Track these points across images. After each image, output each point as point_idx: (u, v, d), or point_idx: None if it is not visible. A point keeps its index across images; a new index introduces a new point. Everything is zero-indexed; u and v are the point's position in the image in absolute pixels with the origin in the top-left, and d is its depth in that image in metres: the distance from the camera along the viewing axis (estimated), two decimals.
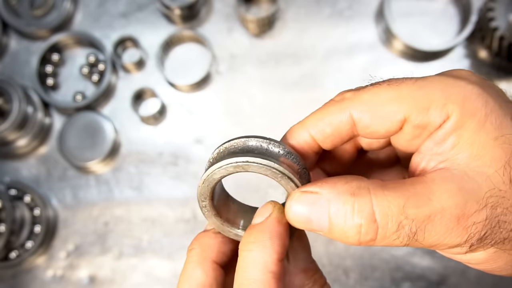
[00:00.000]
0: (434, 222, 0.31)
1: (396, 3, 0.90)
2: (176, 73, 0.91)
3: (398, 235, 0.31)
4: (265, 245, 0.34)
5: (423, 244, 0.32)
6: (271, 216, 0.35)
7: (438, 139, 0.33)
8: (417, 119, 0.33)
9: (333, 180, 0.33)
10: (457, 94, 0.33)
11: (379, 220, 0.31)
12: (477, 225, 0.31)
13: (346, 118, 0.35)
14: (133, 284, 0.86)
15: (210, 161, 0.37)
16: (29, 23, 0.93)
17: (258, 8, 0.93)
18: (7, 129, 0.85)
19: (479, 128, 0.32)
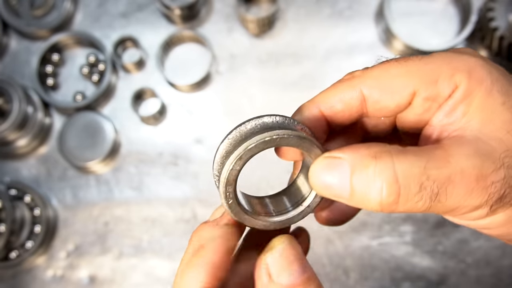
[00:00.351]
0: (454, 184, 0.31)
1: (396, 3, 0.90)
2: (176, 73, 0.91)
3: (420, 197, 0.31)
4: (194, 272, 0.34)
5: (445, 207, 0.32)
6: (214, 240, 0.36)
7: (449, 109, 0.34)
8: (426, 91, 0.34)
9: (355, 146, 0.34)
10: (463, 65, 0.34)
11: (401, 181, 0.31)
12: (496, 184, 0.32)
13: (357, 95, 0.36)
14: (133, 284, 0.86)
15: (229, 145, 0.36)
16: (29, 23, 0.93)
17: (258, 8, 0.93)
18: (7, 129, 0.85)
19: (487, 95, 0.33)
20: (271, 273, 0.33)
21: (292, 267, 0.33)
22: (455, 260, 0.83)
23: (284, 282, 0.33)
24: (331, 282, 0.83)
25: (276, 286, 0.33)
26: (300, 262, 0.34)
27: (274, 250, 0.34)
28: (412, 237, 0.84)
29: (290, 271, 0.33)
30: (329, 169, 0.33)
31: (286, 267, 0.33)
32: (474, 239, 0.83)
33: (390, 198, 0.31)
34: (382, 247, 0.84)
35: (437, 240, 0.84)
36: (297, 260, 0.34)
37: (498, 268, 0.83)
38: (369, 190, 0.32)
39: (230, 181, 0.35)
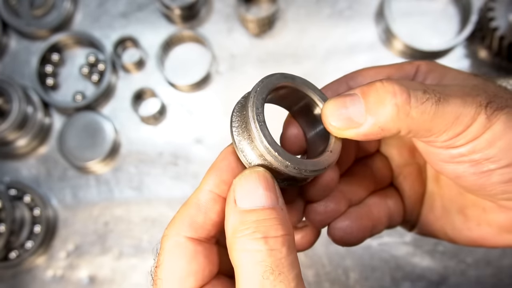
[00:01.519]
0: (449, 96, 0.36)
1: (396, 3, 0.90)
2: (176, 73, 0.91)
3: (426, 98, 0.35)
4: (204, 178, 0.38)
5: (449, 112, 0.35)
6: (221, 156, 0.39)
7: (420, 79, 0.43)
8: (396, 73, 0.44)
9: (361, 85, 0.38)
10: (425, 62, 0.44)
11: (407, 85, 0.35)
12: (481, 97, 0.36)
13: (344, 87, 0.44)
14: (133, 284, 0.86)
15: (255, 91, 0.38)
16: (29, 23, 0.93)
17: (258, 8, 0.93)
18: (7, 129, 0.85)
19: (444, 67, 0.43)
20: (235, 198, 0.34)
21: (255, 194, 0.34)
22: (455, 260, 0.83)
23: (243, 207, 0.34)
24: (331, 282, 0.83)
25: (237, 211, 0.34)
26: (268, 192, 0.34)
27: (242, 175, 0.35)
28: (412, 237, 0.84)
29: (252, 196, 0.34)
30: (343, 102, 0.36)
31: (249, 193, 0.34)
32: None
33: (403, 97, 0.35)
34: (382, 247, 0.84)
35: (437, 240, 0.84)
36: (264, 189, 0.34)
37: (498, 268, 0.83)
38: (384, 95, 0.35)
39: (257, 104, 0.37)
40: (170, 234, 0.36)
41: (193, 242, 0.36)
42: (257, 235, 0.32)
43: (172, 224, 0.36)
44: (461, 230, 0.46)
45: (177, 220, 0.36)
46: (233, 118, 0.38)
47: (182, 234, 0.36)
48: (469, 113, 0.36)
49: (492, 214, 0.43)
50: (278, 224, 0.33)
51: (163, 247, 0.36)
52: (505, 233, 0.43)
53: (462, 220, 0.46)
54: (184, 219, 0.36)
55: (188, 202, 0.37)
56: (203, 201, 0.36)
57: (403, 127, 0.35)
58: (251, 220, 0.33)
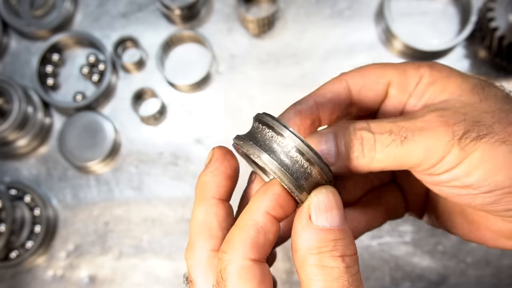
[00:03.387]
0: (421, 129, 0.37)
1: (396, 3, 0.90)
2: (176, 73, 0.91)
3: (391, 139, 0.37)
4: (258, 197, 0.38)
5: (417, 152, 0.36)
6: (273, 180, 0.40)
7: (418, 94, 0.41)
8: (399, 80, 0.42)
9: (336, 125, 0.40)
10: (425, 64, 0.42)
11: (373, 129, 0.38)
12: (458, 124, 0.37)
13: (343, 84, 0.43)
14: (133, 284, 0.86)
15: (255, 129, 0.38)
16: (29, 23, 0.93)
17: (258, 8, 0.93)
18: (7, 129, 0.86)
19: (447, 79, 0.41)
20: (311, 214, 0.36)
21: (332, 213, 0.36)
22: (455, 260, 0.83)
23: (321, 224, 0.35)
24: None
25: (313, 227, 0.35)
26: (340, 212, 0.37)
27: (319, 193, 0.36)
28: (412, 237, 0.84)
29: (329, 215, 0.36)
30: (318, 141, 0.39)
31: (325, 211, 0.36)
32: None
33: (368, 145, 0.37)
34: (382, 247, 0.84)
35: (437, 240, 0.84)
36: (337, 209, 0.36)
37: (498, 268, 0.83)
38: (351, 142, 0.38)
39: None
40: (234, 258, 0.36)
41: (259, 264, 0.36)
42: (336, 254, 0.35)
43: (232, 247, 0.36)
44: (462, 229, 0.47)
45: (238, 243, 0.36)
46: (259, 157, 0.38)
47: (247, 256, 0.36)
48: (439, 147, 0.36)
49: (490, 221, 0.43)
50: (351, 244, 0.36)
51: (227, 272, 0.36)
52: (504, 238, 0.43)
53: (462, 222, 0.47)
54: (245, 241, 0.36)
55: (242, 224, 0.37)
56: (262, 222, 0.36)
57: (372, 167, 0.38)
58: (329, 238, 0.35)
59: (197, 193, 0.42)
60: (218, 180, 0.41)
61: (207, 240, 0.40)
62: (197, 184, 0.42)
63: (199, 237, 0.40)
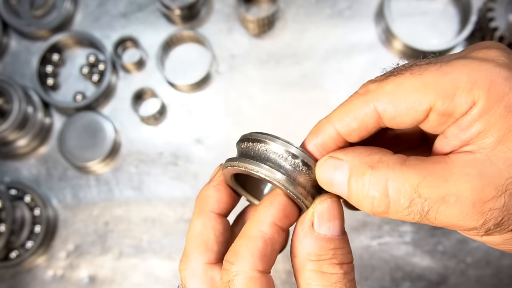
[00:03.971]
0: (447, 204, 0.31)
1: (396, 3, 0.90)
2: (176, 73, 0.91)
3: (409, 212, 0.32)
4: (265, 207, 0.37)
5: (436, 224, 0.33)
6: None
7: (464, 125, 0.32)
8: (442, 107, 0.32)
9: (359, 150, 0.35)
10: (483, 78, 0.32)
11: (392, 195, 0.32)
12: (494, 211, 0.31)
13: (371, 111, 0.35)
14: (133, 284, 0.86)
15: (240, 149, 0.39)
16: (29, 23, 0.93)
17: (258, 8, 0.93)
18: (7, 129, 0.86)
19: (506, 113, 0.31)
20: (313, 222, 0.36)
21: (334, 222, 0.36)
22: (455, 260, 0.83)
23: (323, 233, 0.36)
24: None
25: (314, 235, 0.36)
26: (342, 222, 0.37)
27: (324, 202, 0.36)
28: (412, 237, 0.84)
29: (332, 225, 0.36)
30: (333, 168, 0.36)
31: (328, 220, 0.36)
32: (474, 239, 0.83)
33: (380, 209, 0.33)
34: (382, 247, 0.84)
35: (437, 240, 0.84)
36: (340, 219, 0.37)
37: (498, 268, 0.83)
38: (363, 197, 0.34)
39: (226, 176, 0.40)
40: (242, 269, 0.35)
41: (265, 276, 0.36)
42: (334, 261, 0.35)
43: (240, 258, 0.35)
44: None
45: (246, 254, 0.35)
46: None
47: (256, 268, 0.35)
48: (461, 227, 0.33)
49: None
50: (348, 253, 0.36)
51: (235, 284, 0.35)
52: None
53: None
54: (254, 253, 0.36)
55: (249, 235, 0.36)
56: (270, 234, 0.36)
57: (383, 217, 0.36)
58: (329, 247, 0.35)
59: (197, 205, 0.42)
60: (220, 196, 0.41)
61: (203, 253, 0.40)
62: (199, 196, 0.42)
63: (195, 249, 0.40)
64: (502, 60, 0.33)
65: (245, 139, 0.38)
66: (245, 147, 0.38)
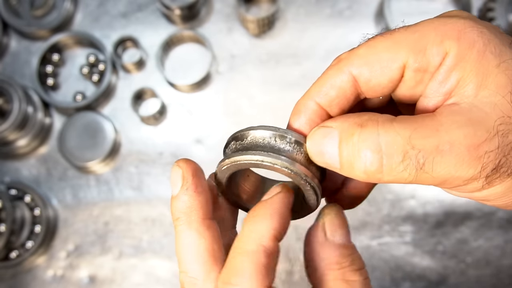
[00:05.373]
0: (443, 153, 0.30)
1: (396, 3, 0.90)
2: (176, 73, 0.91)
3: (404, 166, 0.31)
4: (265, 219, 0.34)
5: (433, 178, 0.31)
6: (277, 194, 0.36)
7: (441, 77, 0.32)
8: (416, 62, 0.33)
9: (347, 115, 0.34)
10: (451, 29, 0.32)
11: (384, 149, 0.31)
12: (490, 154, 0.30)
13: (347, 77, 0.35)
14: (133, 284, 0.86)
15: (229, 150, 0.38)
16: (29, 23, 0.93)
17: (258, 8, 0.93)
18: (7, 129, 0.86)
19: (480, 58, 0.31)
20: (326, 232, 0.36)
21: (345, 230, 0.36)
22: (455, 260, 0.83)
23: (337, 241, 0.36)
24: None
25: (330, 244, 0.36)
26: (348, 229, 0.37)
27: (330, 212, 0.37)
28: (412, 237, 0.84)
29: (344, 232, 0.36)
30: (323, 137, 0.34)
31: (340, 228, 0.36)
32: (474, 239, 0.83)
33: (373, 167, 0.32)
34: (382, 247, 0.84)
35: (437, 240, 0.84)
36: (347, 226, 0.37)
37: (498, 268, 0.83)
38: (354, 159, 0.32)
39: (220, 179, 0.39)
40: None
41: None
42: (355, 267, 0.36)
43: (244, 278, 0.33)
44: None
45: (251, 272, 0.33)
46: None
47: (264, 285, 0.34)
48: (461, 178, 0.31)
49: None
50: (360, 258, 0.37)
51: None
52: None
53: None
54: (259, 270, 0.33)
55: (250, 250, 0.34)
56: (271, 248, 0.34)
57: (378, 182, 0.34)
58: (347, 254, 0.36)
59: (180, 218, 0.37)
60: (203, 199, 0.37)
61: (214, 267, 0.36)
62: (176, 208, 0.37)
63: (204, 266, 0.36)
64: (466, 15, 0.34)
65: (230, 140, 0.37)
66: (234, 145, 0.37)
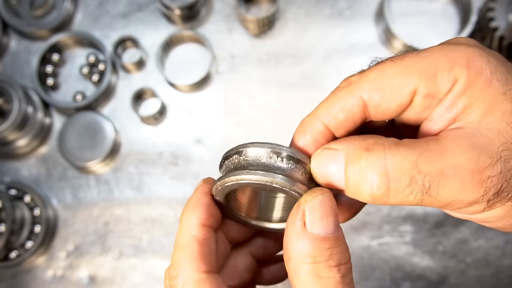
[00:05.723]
0: (447, 177, 0.31)
1: (396, 3, 0.90)
2: (176, 73, 0.91)
3: (411, 190, 0.31)
4: (189, 213, 0.38)
5: (438, 201, 0.32)
6: (197, 188, 0.40)
7: (449, 103, 0.33)
8: (426, 88, 0.33)
9: (353, 137, 0.34)
10: (461, 57, 0.33)
11: (391, 174, 0.31)
12: (492, 178, 0.31)
13: (357, 101, 0.35)
14: (133, 284, 0.86)
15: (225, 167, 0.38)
16: (29, 23, 0.93)
17: (258, 8, 0.93)
18: (7, 129, 0.86)
19: (487, 86, 0.32)
20: (305, 221, 0.33)
21: (327, 220, 0.33)
22: (455, 260, 0.83)
23: (316, 232, 0.33)
24: None
25: (307, 235, 0.33)
26: (336, 218, 0.34)
27: (314, 198, 0.34)
28: (412, 237, 0.84)
29: (325, 222, 0.33)
30: (329, 159, 0.34)
31: (321, 218, 0.33)
32: (474, 239, 0.83)
33: (380, 191, 0.32)
34: (382, 247, 0.84)
35: (437, 240, 0.84)
36: (333, 216, 0.34)
37: (498, 268, 0.83)
38: (361, 182, 0.32)
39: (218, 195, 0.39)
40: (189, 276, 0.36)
41: (213, 274, 0.37)
42: (332, 263, 0.33)
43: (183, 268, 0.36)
44: None
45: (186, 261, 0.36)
46: None
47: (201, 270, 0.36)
48: (464, 201, 0.32)
49: None
50: (345, 251, 0.34)
51: None
52: None
53: None
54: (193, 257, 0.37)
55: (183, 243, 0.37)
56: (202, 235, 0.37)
57: (384, 204, 0.33)
58: (325, 247, 0.33)
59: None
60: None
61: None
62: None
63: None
64: (473, 42, 0.35)
65: (229, 155, 0.37)
66: (232, 162, 0.36)
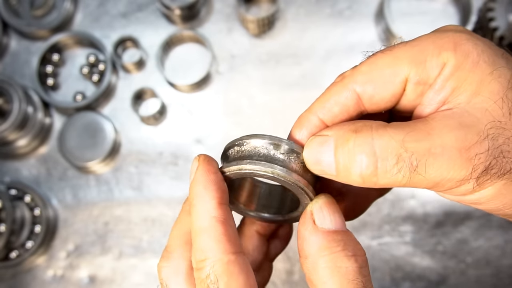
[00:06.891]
0: (435, 156, 0.31)
1: (396, 3, 0.90)
2: (176, 73, 0.91)
3: (398, 169, 0.32)
4: (202, 194, 0.36)
5: (427, 180, 0.32)
6: (198, 168, 0.37)
7: (438, 86, 0.34)
8: (416, 75, 0.34)
9: (342, 123, 0.36)
10: (448, 42, 0.34)
11: (379, 153, 0.32)
12: (480, 155, 0.31)
13: (351, 94, 0.36)
14: (133, 284, 0.86)
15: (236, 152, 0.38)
16: (29, 23, 0.93)
17: (258, 8, 0.93)
18: (7, 129, 0.86)
19: (474, 67, 0.33)
20: (314, 219, 0.36)
21: (334, 216, 0.36)
22: (455, 260, 0.83)
23: (326, 227, 0.35)
24: None
25: (319, 230, 0.35)
26: (341, 216, 0.36)
27: (317, 201, 0.36)
28: (412, 237, 0.84)
29: (333, 218, 0.36)
30: (319, 145, 0.35)
31: (328, 215, 0.36)
32: (474, 239, 0.83)
33: (369, 170, 0.33)
34: (382, 247, 0.84)
35: (437, 240, 0.84)
36: (339, 213, 0.36)
37: (498, 268, 0.83)
38: (350, 164, 0.33)
39: None
40: (218, 258, 0.35)
41: (241, 255, 0.37)
42: (348, 253, 0.34)
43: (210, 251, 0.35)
44: None
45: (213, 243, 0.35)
46: None
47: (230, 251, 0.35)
48: (453, 180, 0.32)
49: None
50: (359, 244, 0.35)
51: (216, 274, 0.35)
52: None
53: None
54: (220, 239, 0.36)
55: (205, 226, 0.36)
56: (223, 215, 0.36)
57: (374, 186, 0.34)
58: (338, 238, 0.35)
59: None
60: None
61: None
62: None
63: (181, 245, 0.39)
64: (461, 28, 0.36)
65: (228, 147, 0.38)
66: (233, 153, 0.37)
